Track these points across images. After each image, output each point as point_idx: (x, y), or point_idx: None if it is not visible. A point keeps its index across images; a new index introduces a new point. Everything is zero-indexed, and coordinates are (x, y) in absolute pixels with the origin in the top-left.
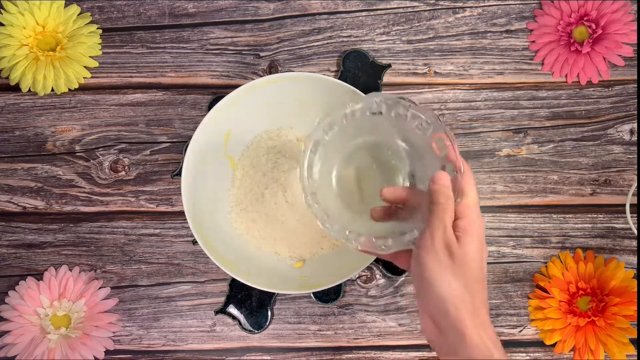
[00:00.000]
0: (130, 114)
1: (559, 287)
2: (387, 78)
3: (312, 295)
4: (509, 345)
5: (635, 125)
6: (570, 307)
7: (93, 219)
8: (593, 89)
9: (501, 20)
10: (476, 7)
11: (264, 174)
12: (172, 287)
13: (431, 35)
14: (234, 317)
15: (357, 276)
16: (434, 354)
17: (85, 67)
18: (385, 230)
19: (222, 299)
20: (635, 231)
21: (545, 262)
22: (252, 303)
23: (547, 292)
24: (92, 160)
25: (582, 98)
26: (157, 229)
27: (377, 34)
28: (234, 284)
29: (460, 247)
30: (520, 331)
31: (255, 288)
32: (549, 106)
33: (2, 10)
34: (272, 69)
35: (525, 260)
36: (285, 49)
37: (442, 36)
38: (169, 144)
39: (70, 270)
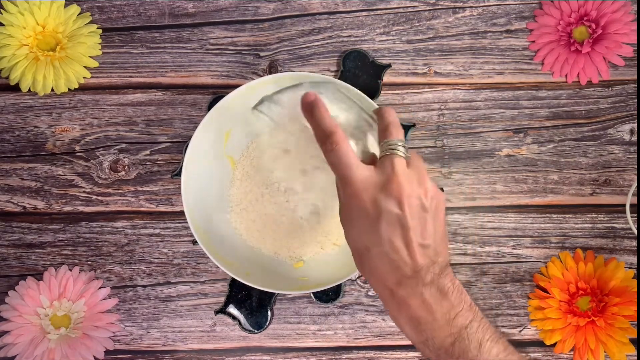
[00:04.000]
0: (130, 114)
1: (559, 287)
2: (387, 78)
3: (312, 295)
4: None
5: (635, 125)
6: (570, 307)
7: (93, 219)
8: (593, 89)
9: (501, 20)
10: (476, 7)
11: None
12: (172, 287)
13: (431, 35)
14: (234, 317)
15: (357, 276)
16: None
17: (85, 67)
18: None
19: (222, 299)
20: (635, 231)
21: (545, 262)
22: (252, 303)
23: (547, 292)
24: (92, 160)
25: (582, 98)
26: (157, 229)
27: (377, 34)
28: (234, 284)
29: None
30: (520, 331)
31: (255, 288)
32: (549, 106)
33: (2, 10)
34: (272, 69)
35: (525, 260)
36: (285, 49)
37: (442, 36)
38: (169, 144)
39: (70, 270)
